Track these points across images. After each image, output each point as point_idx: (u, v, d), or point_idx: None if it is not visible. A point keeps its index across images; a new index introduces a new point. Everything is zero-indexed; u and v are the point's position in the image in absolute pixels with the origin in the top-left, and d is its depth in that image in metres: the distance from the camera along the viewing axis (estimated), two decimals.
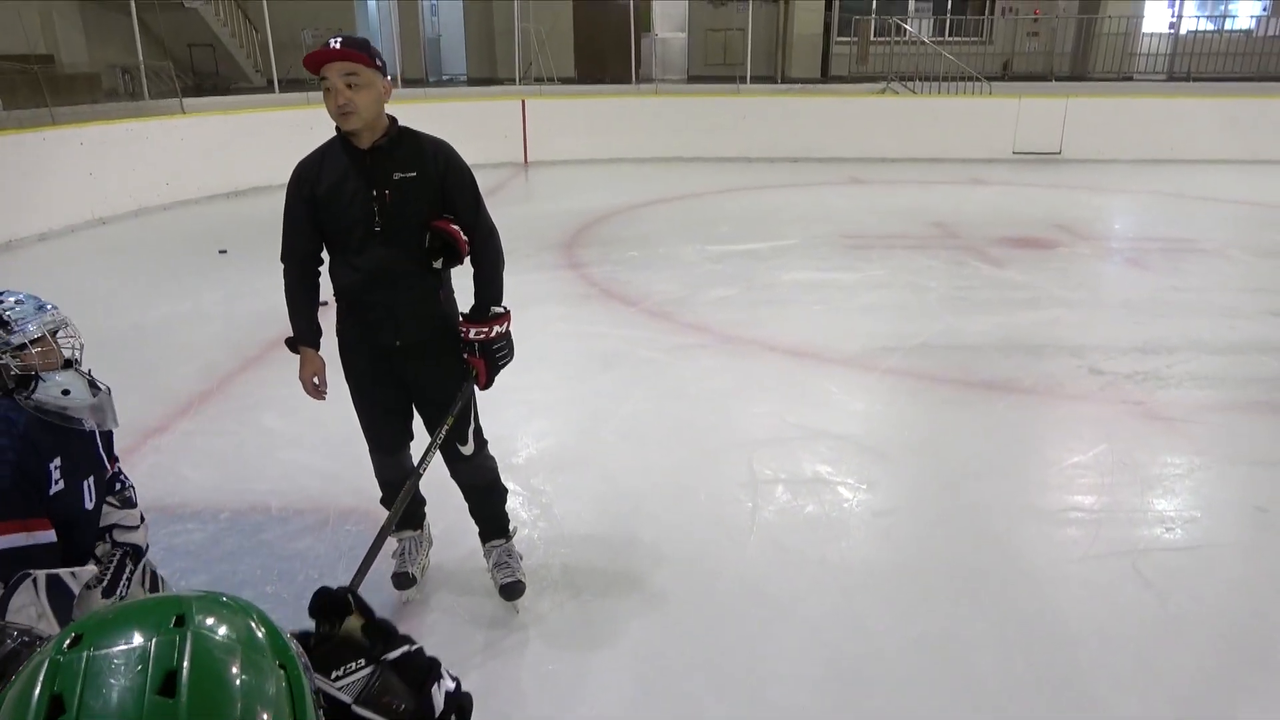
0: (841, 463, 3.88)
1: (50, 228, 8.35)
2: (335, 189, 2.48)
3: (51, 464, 1.96)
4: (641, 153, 12.87)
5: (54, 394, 1.99)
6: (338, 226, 2.52)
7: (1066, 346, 5.20)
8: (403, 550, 2.95)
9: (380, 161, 2.47)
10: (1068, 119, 12.99)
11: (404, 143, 2.51)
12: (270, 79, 13.04)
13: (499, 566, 2.89)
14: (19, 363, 1.97)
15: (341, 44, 2.35)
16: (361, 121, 2.39)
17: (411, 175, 2.48)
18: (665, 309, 6.03)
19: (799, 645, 2.69)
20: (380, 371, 2.67)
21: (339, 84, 2.34)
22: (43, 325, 2.01)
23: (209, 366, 5.03)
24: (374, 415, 2.76)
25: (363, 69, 2.36)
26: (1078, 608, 2.85)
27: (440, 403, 2.66)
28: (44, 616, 1.80)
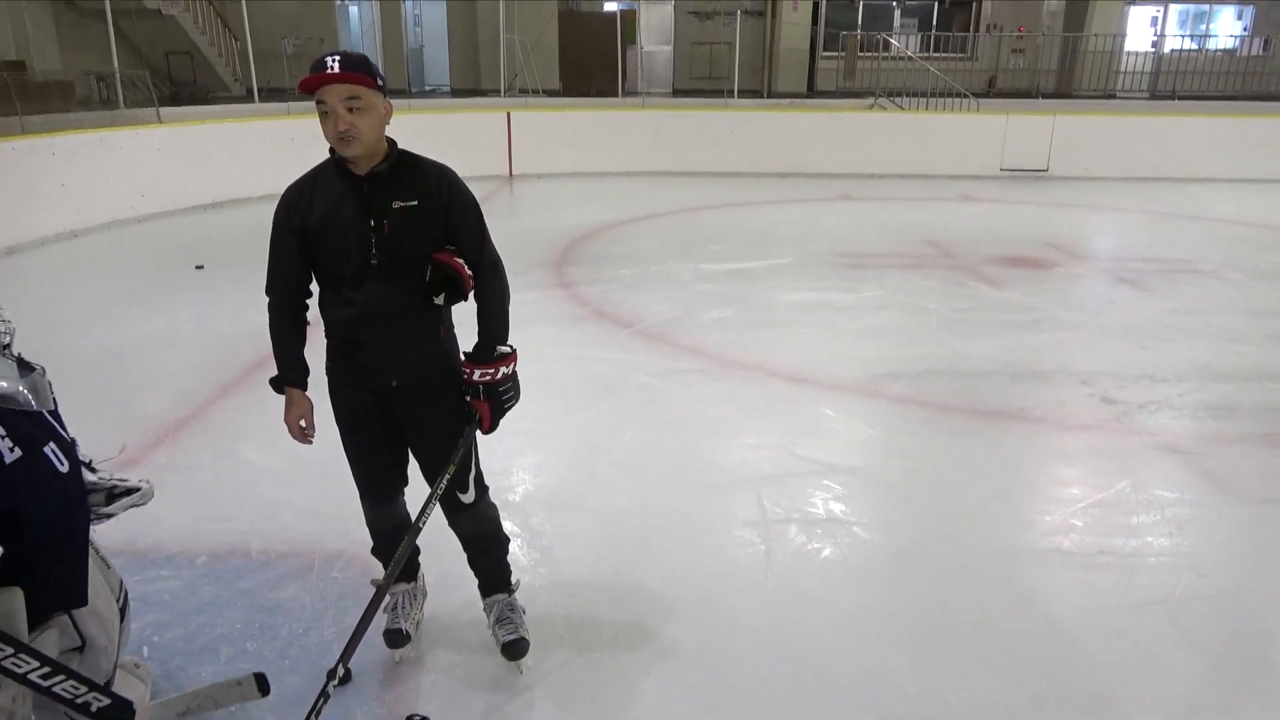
0: (854, 500, 3.70)
1: (19, 240, 8.06)
2: (329, 218, 2.27)
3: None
4: (629, 167, 12.71)
5: None
6: (331, 258, 2.30)
7: (1075, 373, 5.06)
8: (395, 605, 2.73)
9: (379, 189, 2.27)
10: (1055, 136, 12.97)
11: (404, 168, 2.30)
12: (250, 88, 12.78)
13: (501, 623, 2.67)
14: None
15: (341, 65, 2.14)
16: (363, 148, 2.20)
17: (413, 204, 2.28)
18: (661, 331, 5.84)
19: (829, 709, 2.50)
20: (374, 414, 2.45)
21: (339, 108, 2.14)
22: None
23: (183, 393, 4.79)
24: (366, 461, 2.54)
25: (365, 91, 2.16)
26: (1120, 667, 2.67)
27: (439, 448, 2.45)
28: None
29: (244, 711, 2.46)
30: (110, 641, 2.20)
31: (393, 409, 2.44)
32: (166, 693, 2.52)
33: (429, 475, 2.54)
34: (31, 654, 1.83)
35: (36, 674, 1.82)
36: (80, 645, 2.12)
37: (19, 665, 1.80)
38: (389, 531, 2.66)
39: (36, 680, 1.82)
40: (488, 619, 2.71)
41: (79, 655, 2.13)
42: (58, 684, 1.85)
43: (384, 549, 2.70)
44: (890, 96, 14.52)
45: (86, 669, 2.14)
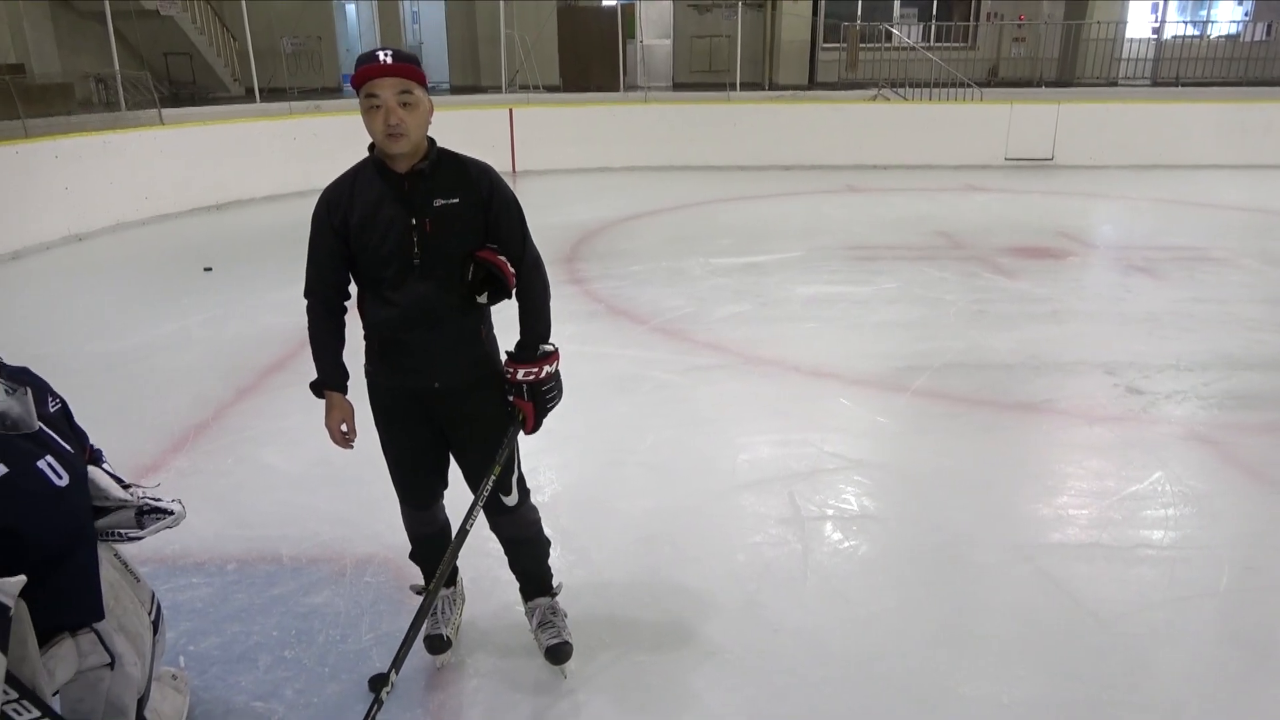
0: (887, 496, 3.66)
1: (24, 245, 8.00)
2: (369, 217, 2.22)
3: None
4: (632, 161, 12.65)
5: None
6: (372, 259, 2.25)
7: (1098, 363, 5.03)
8: (435, 610, 2.68)
9: (419, 187, 2.22)
10: (1059, 125, 12.92)
11: (444, 166, 2.26)
12: (250, 88, 12.70)
13: (544, 627, 2.63)
14: None
15: (394, 58, 2.11)
16: (410, 145, 2.16)
17: (454, 202, 2.23)
18: (677, 327, 5.80)
19: (883, 712, 2.46)
20: (415, 417, 2.41)
21: (392, 103, 2.10)
22: None
23: (200, 397, 4.74)
24: (406, 466, 2.50)
25: (416, 87, 2.14)
26: (1172, 665, 2.64)
27: (481, 451, 2.41)
28: None
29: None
30: (141, 656, 2.17)
31: (434, 412, 2.40)
32: (206, 703, 2.49)
33: (471, 479, 2.50)
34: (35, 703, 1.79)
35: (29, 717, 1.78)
36: (110, 661, 2.08)
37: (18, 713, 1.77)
38: (429, 536, 2.63)
39: None
40: (530, 623, 2.68)
41: (109, 671, 2.09)
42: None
43: (423, 554, 2.66)
44: (893, 87, 14.47)
45: (117, 685, 2.10)
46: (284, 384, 4.86)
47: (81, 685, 2.06)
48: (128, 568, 2.24)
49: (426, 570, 2.68)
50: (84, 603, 1.99)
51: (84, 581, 1.99)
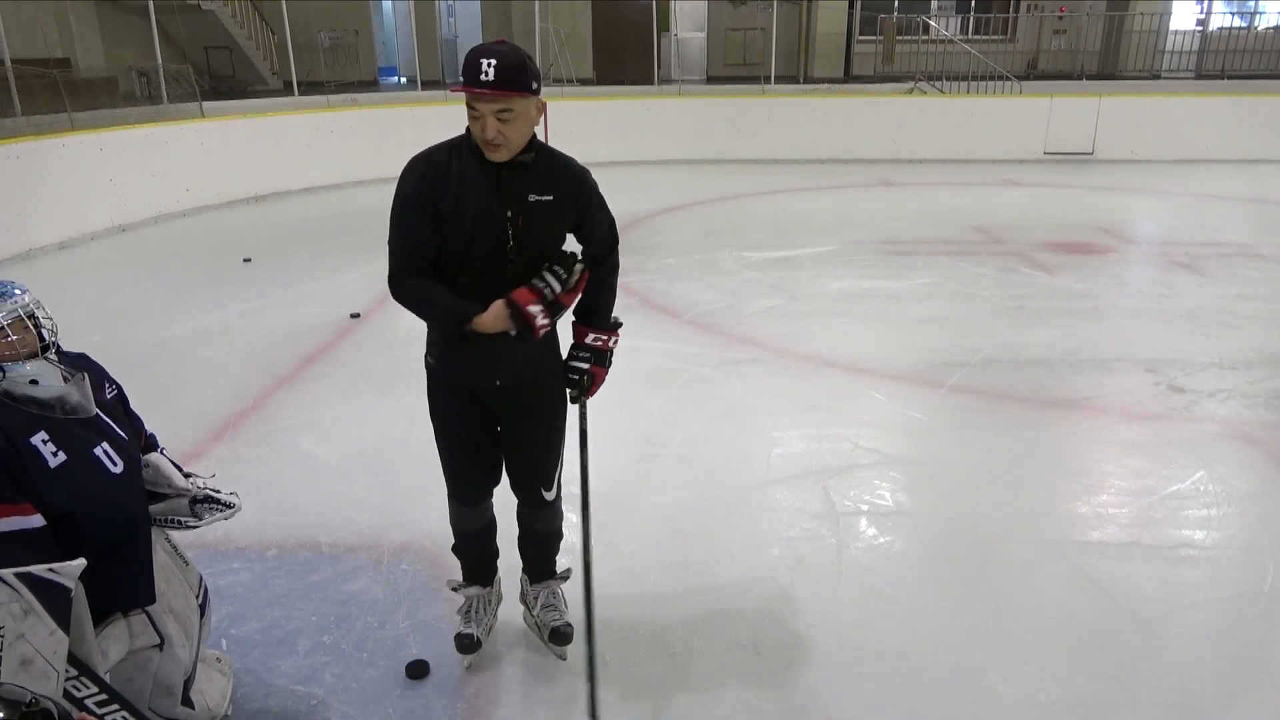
0: (923, 493, 3.64)
1: (70, 236, 8.16)
2: (463, 201, 2.16)
3: (33, 440, 1.89)
4: (665, 155, 12.64)
5: (21, 385, 1.93)
6: (461, 246, 2.19)
7: (1139, 360, 4.95)
8: (469, 609, 2.68)
9: (516, 179, 2.19)
10: (1100, 118, 12.70)
11: (541, 161, 2.24)
12: (288, 81, 12.84)
13: (548, 608, 2.67)
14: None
15: (496, 75, 2.03)
16: (510, 153, 2.15)
17: (548, 199, 2.22)
18: (711, 321, 5.79)
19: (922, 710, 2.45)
20: (475, 412, 2.40)
21: (490, 120, 2.08)
22: (5, 314, 1.94)
23: (239, 386, 4.81)
24: (461, 461, 2.49)
25: (516, 101, 2.08)
26: (1213, 667, 2.60)
27: (538, 450, 2.44)
28: (31, 612, 1.72)
29: (325, 707, 2.47)
30: (189, 638, 2.22)
31: (493, 408, 2.39)
32: (248, 686, 2.54)
33: (520, 477, 2.51)
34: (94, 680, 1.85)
35: (92, 700, 1.85)
36: (159, 643, 2.13)
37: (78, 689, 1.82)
38: (475, 532, 2.63)
39: (91, 707, 1.85)
40: (530, 604, 2.71)
41: (158, 652, 2.14)
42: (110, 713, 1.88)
43: (467, 549, 2.67)
44: (929, 80, 14.30)
45: (165, 665, 2.16)
46: (321, 374, 4.92)
47: (131, 665, 2.11)
48: (177, 551, 2.30)
49: (468, 566, 2.69)
50: (137, 586, 2.05)
51: (138, 566, 2.04)
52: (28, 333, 1.96)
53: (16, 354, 1.94)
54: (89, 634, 1.91)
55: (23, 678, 1.71)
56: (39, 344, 1.98)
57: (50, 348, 2.01)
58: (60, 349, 2.06)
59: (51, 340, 2.03)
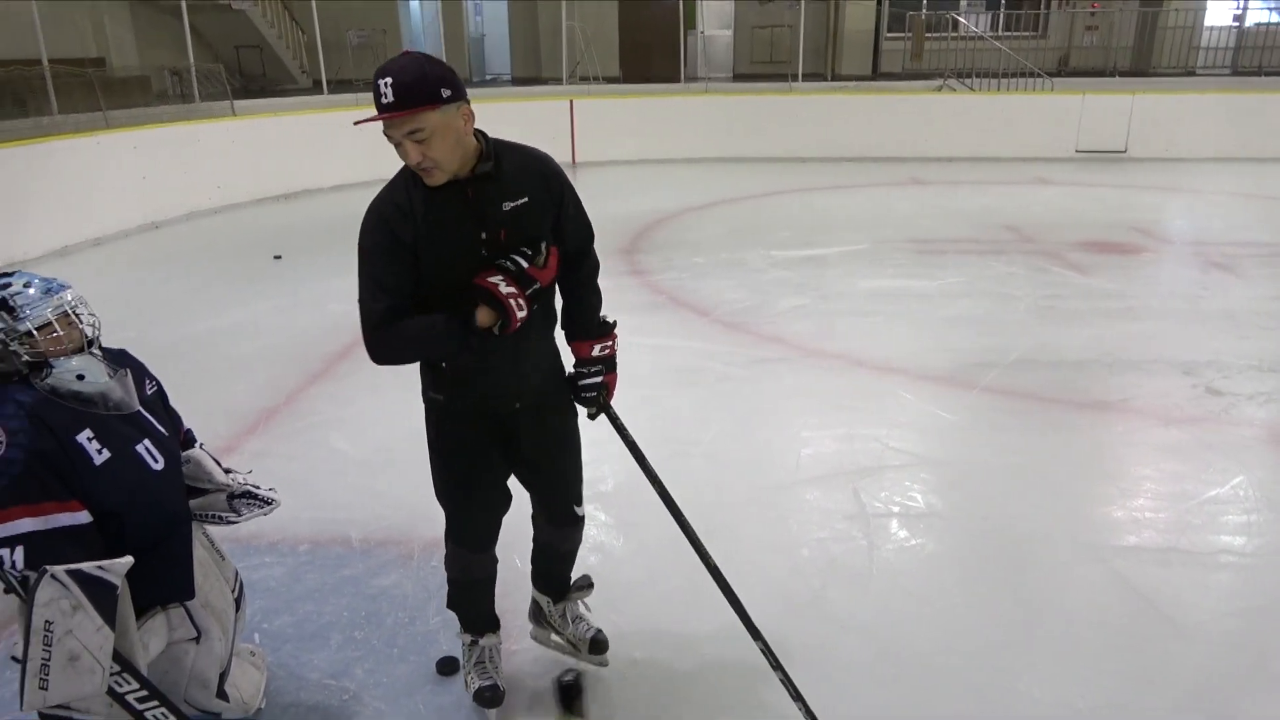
0: (955, 494, 3.60)
1: (104, 233, 8.28)
2: (435, 234, 1.96)
3: (79, 437, 1.91)
4: (692, 153, 12.61)
5: (68, 381, 1.94)
6: (442, 280, 1.99)
7: (1176, 363, 4.87)
8: (483, 658, 2.46)
9: (484, 191, 1.99)
10: (1133, 116, 12.52)
11: (505, 163, 2.02)
12: (317, 79, 12.95)
13: (577, 621, 2.57)
14: (28, 349, 1.92)
15: (394, 93, 1.81)
16: (448, 173, 1.93)
17: (523, 201, 2.03)
18: (738, 319, 5.77)
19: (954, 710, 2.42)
20: (490, 445, 2.23)
21: (408, 145, 1.86)
22: (53, 310, 1.96)
23: (271, 382, 4.85)
24: (477, 502, 2.29)
25: (428, 116, 1.84)
26: (1254, 677, 2.55)
27: (559, 466, 2.34)
28: (80, 608, 1.74)
29: (357, 701, 2.48)
30: (225, 631, 2.24)
31: (509, 434, 2.24)
32: (280, 679, 2.55)
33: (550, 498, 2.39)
34: (136, 676, 1.88)
35: (133, 696, 1.87)
36: (196, 636, 2.16)
37: (120, 685, 1.85)
38: (482, 581, 2.44)
39: (132, 702, 1.88)
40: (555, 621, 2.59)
41: (194, 645, 2.17)
42: (150, 709, 1.91)
43: (475, 598, 2.46)
44: (959, 77, 14.17)
45: (202, 657, 2.18)
46: (351, 370, 4.95)
47: (167, 658, 2.13)
48: (214, 546, 2.32)
49: (475, 615, 2.48)
50: (177, 582, 2.07)
51: (177, 561, 2.07)
52: (73, 329, 1.99)
53: (63, 349, 1.96)
54: (132, 629, 1.93)
55: (70, 673, 1.73)
56: (83, 340, 2.01)
57: (93, 343, 2.04)
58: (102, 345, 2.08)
59: (94, 336, 2.05)
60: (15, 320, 1.91)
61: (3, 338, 1.91)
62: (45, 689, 1.73)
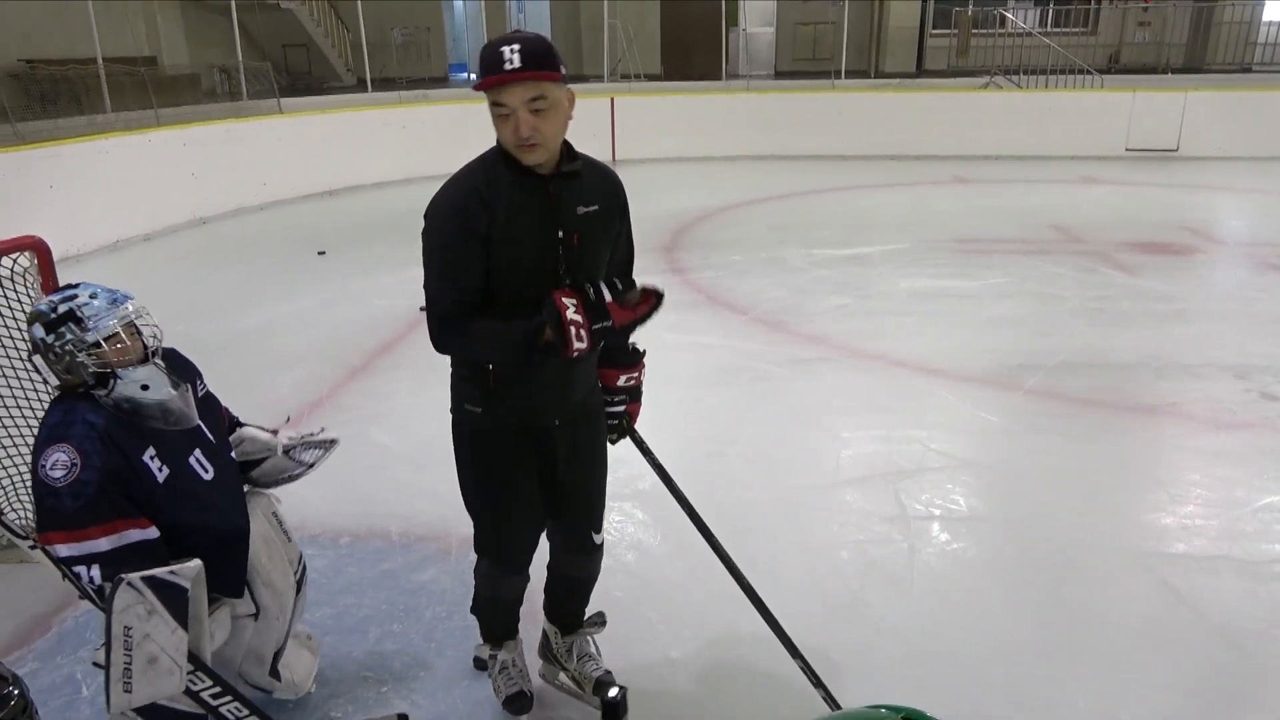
0: (998, 498, 3.54)
1: (154, 228, 8.46)
2: (514, 226, 1.89)
3: (144, 456, 1.97)
4: (733, 150, 12.56)
5: (133, 391, 1.98)
6: (513, 277, 1.92)
7: (1228, 366, 4.75)
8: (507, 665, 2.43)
9: (564, 191, 1.93)
10: (1186, 114, 12.22)
11: (585, 168, 2.00)
12: (361, 78, 13.12)
13: (584, 659, 2.46)
14: (95, 360, 1.95)
15: (523, 58, 1.75)
16: (548, 154, 1.88)
17: (594, 209, 1.98)
18: (778, 318, 5.73)
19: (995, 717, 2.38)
20: (527, 463, 2.14)
21: (522, 113, 1.79)
22: (118, 320, 1.98)
23: (313, 376, 4.92)
24: (517, 520, 2.20)
25: (551, 88, 1.80)
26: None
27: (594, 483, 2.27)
28: (155, 613, 1.79)
29: (395, 694, 2.50)
30: (283, 611, 2.32)
31: (546, 452, 2.16)
32: (320, 670, 2.58)
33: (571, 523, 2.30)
34: (209, 674, 1.93)
35: (208, 693, 1.91)
36: (255, 613, 2.25)
37: (195, 683, 1.89)
38: (515, 601, 2.38)
39: (207, 699, 1.92)
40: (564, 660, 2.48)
41: (252, 621, 2.25)
42: (224, 704, 1.95)
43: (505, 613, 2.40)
44: (1005, 74, 13.95)
45: (259, 634, 2.26)
46: (392, 365, 5.00)
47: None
48: (281, 526, 2.40)
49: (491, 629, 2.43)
50: (230, 580, 2.13)
51: (234, 560, 2.13)
52: (136, 339, 2.03)
53: (128, 359, 1.99)
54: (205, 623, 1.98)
55: (150, 675, 1.79)
56: (145, 350, 2.04)
57: (156, 353, 2.07)
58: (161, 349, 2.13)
59: (156, 346, 2.08)
60: (83, 331, 1.93)
61: (71, 349, 1.93)
62: (129, 692, 1.78)
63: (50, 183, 7.40)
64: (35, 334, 1.96)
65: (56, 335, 1.94)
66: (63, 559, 1.87)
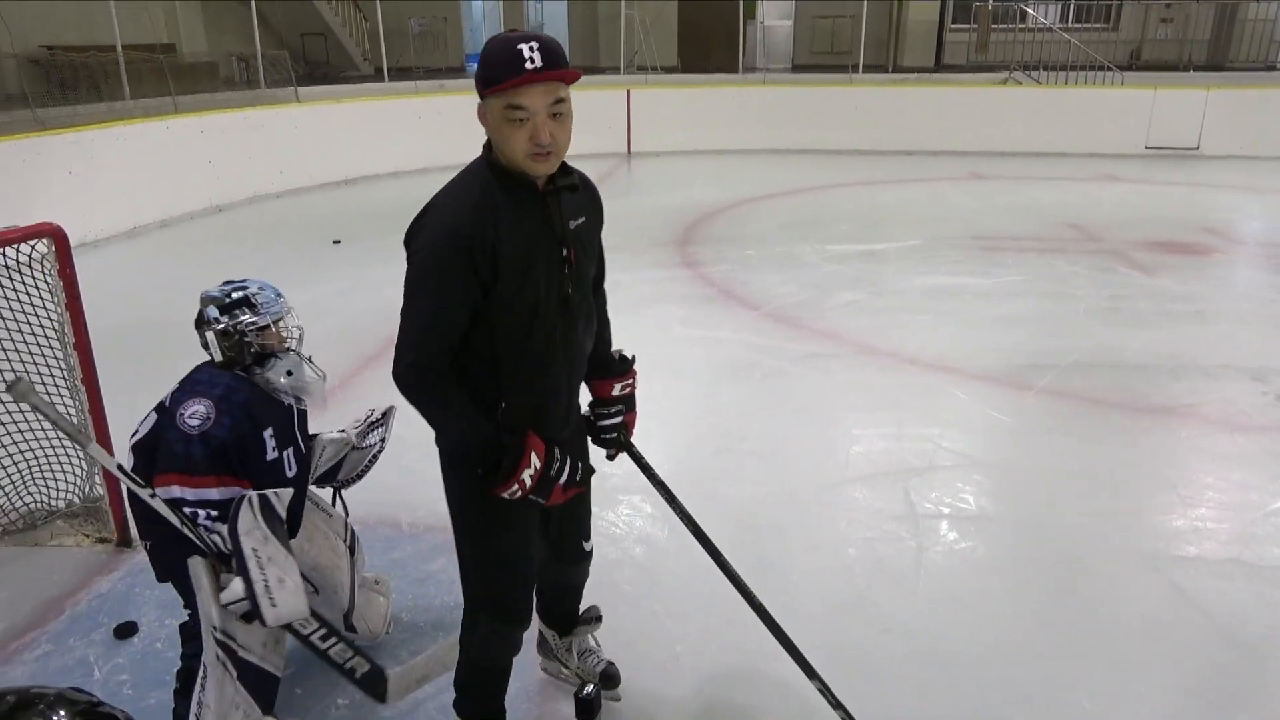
0: (1008, 498, 3.53)
1: (171, 215, 8.51)
2: (517, 250, 1.72)
3: (266, 433, 2.18)
4: (749, 144, 12.52)
5: (280, 373, 2.22)
6: (522, 306, 1.76)
7: (1245, 369, 4.71)
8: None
9: (560, 206, 1.80)
10: (1207, 112, 12.10)
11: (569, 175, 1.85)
12: (379, 67, 13.13)
13: (586, 654, 2.46)
14: (260, 341, 2.19)
15: (543, 56, 1.61)
16: (556, 164, 1.74)
17: (582, 221, 1.86)
18: (790, 314, 5.72)
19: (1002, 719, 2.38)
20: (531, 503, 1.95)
21: (543, 117, 1.65)
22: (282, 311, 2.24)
23: (327, 364, 4.78)
24: (522, 568, 2.04)
25: (567, 90, 1.68)
26: None
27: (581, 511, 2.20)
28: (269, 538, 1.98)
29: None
30: (339, 583, 2.50)
31: None
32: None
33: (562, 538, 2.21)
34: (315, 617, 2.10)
35: (316, 635, 2.13)
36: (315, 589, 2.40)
37: (304, 627, 2.08)
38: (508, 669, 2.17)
39: (315, 642, 2.13)
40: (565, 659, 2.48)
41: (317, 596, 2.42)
42: (332, 646, 2.14)
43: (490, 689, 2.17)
44: (1025, 70, 13.84)
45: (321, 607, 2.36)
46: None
47: None
48: (319, 507, 2.56)
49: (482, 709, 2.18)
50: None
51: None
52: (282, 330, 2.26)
53: (283, 346, 2.24)
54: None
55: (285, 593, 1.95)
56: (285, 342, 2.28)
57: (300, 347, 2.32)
58: None
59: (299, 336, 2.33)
60: (256, 315, 2.17)
61: (242, 330, 2.16)
62: (276, 606, 1.94)
63: (69, 168, 7.45)
64: (209, 314, 2.18)
65: (231, 316, 2.16)
66: (175, 499, 2.02)
